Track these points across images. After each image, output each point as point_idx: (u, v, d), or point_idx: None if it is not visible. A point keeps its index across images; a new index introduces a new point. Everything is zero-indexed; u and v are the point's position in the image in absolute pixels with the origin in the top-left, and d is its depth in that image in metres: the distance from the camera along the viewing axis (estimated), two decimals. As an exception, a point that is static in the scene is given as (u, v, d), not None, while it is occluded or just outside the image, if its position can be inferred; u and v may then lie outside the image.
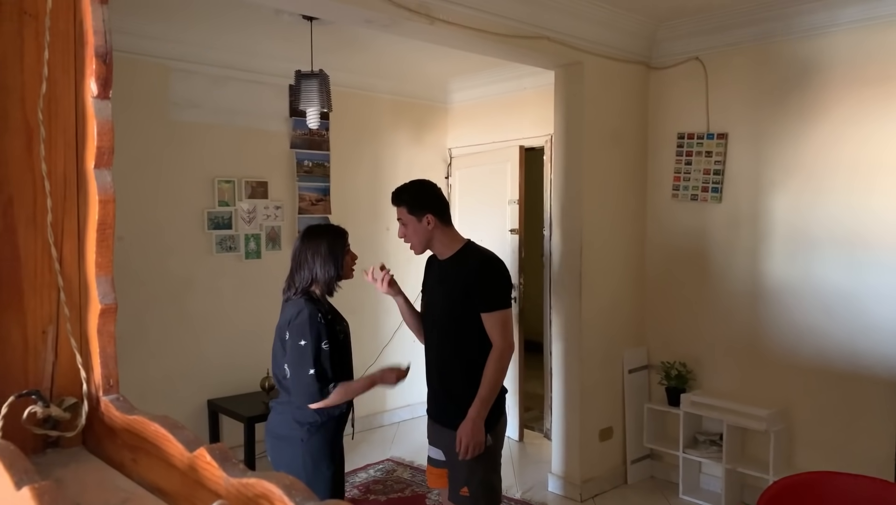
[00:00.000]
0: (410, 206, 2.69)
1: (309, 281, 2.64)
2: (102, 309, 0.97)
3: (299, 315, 2.56)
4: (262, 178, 4.92)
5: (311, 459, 2.60)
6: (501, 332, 2.64)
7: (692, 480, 4.32)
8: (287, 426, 2.62)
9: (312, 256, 2.64)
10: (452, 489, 2.72)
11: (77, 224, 1.00)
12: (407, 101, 5.80)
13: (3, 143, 0.94)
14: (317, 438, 2.61)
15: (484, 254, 2.75)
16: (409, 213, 2.69)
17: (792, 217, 3.94)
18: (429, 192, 2.76)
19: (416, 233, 2.70)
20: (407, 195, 2.72)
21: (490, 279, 2.66)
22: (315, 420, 2.61)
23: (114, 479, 0.92)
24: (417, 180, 2.84)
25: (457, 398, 2.69)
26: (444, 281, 2.75)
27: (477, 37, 3.58)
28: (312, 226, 2.82)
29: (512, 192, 5.35)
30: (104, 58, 0.93)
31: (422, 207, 2.68)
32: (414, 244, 2.74)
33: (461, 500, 2.69)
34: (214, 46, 4.57)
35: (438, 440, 2.82)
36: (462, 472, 2.68)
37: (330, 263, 2.64)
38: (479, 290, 2.63)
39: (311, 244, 2.67)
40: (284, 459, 2.63)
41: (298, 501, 0.66)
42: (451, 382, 2.73)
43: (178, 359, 4.54)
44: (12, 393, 0.91)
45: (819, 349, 3.85)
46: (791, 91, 3.91)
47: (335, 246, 2.67)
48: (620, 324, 4.46)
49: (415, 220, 2.69)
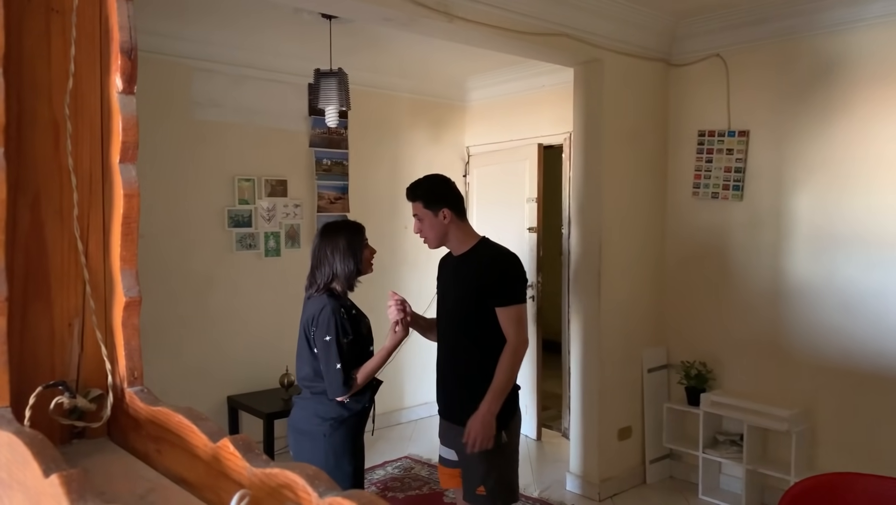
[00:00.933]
0: (426, 200, 2.69)
1: (330, 277, 2.67)
2: (127, 302, 0.99)
3: (322, 312, 2.61)
4: (282, 177, 4.95)
5: (332, 455, 2.63)
6: (516, 327, 2.62)
7: (712, 480, 4.29)
8: (309, 421, 2.65)
9: (332, 253, 2.67)
10: (468, 489, 2.69)
11: (102, 218, 1.01)
12: (425, 99, 5.81)
13: (30, 138, 0.96)
14: (339, 433, 2.64)
15: (499, 249, 2.73)
16: (424, 207, 2.69)
17: (815, 215, 3.89)
18: (444, 186, 2.75)
19: (432, 227, 2.69)
20: (422, 190, 2.72)
21: (505, 274, 2.65)
22: (339, 415, 2.63)
23: (138, 469, 0.93)
24: (432, 175, 2.83)
25: (470, 395, 2.66)
26: (458, 277, 2.74)
27: (496, 34, 3.58)
28: (330, 222, 2.84)
29: (530, 190, 5.33)
30: (129, 53, 0.94)
31: (437, 202, 2.68)
32: (429, 239, 2.73)
33: (478, 499, 2.65)
34: (235, 46, 4.60)
35: (450, 440, 2.79)
36: (478, 470, 2.65)
37: (349, 259, 2.67)
38: (493, 284, 2.62)
39: (330, 241, 2.70)
40: (306, 453, 2.66)
41: (321, 491, 0.66)
42: (465, 379, 2.70)
43: (198, 355, 4.58)
44: (40, 384, 0.93)
45: (842, 349, 3.80)
46: (814, 88, 3.86)
47: (353, 241, 2.70)
48: (639, 323, 4.44)
49: (431, 215, 2.68)
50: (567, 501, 4.20)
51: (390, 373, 5.55)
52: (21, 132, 0.94)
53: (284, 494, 0.70)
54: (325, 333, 2.58)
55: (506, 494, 2.71)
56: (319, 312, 2.61)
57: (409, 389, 5.70)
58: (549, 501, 4.18)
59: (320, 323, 2.60)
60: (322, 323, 2.59)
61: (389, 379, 5.56)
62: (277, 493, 0.71)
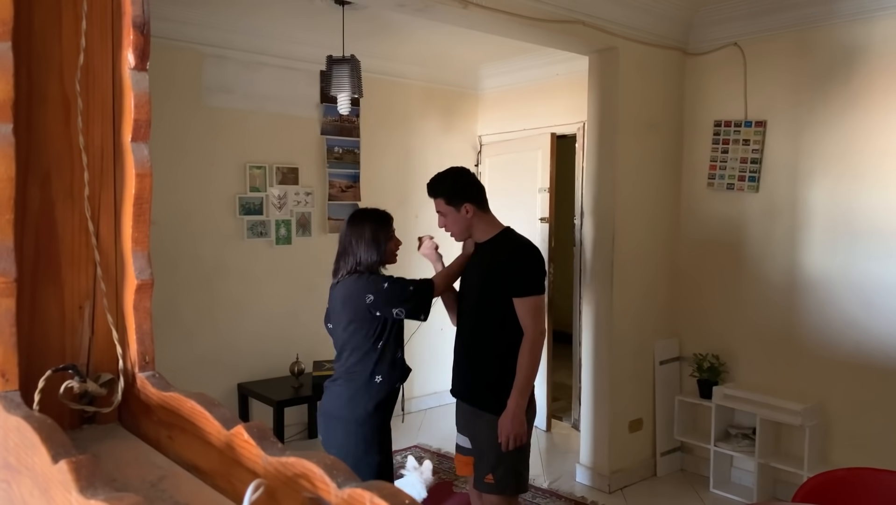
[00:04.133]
0: (448, 197, 2.68)
1: (353, 266, 2.67)
2: (139, 285, 0.96)
3: (358, 281, 2.64)
4: (293, 165, 4.93)
5: (363, 444, 2.65)
6: (533, 318, 2.61)
7: (723, 473, 4.26)
8: (341, 406, 2.66)
9: (357, 241, 2.68)
10: (478, 476, 2.71)
11: (114, 198, 0.99)
12: (437, 87, 5.76)
13: (41, 115, 0.93)
14: (372, 422, 2.66)
15: (519, 240, 2.73)
16: (447, 204, 2.68)
17: (831, 207, 3.83)
18: (465, 180, 2.73)
19: (456, 223, 2.70)
20: (443, 186, 2.70)
21: (523, 264, 2.64)
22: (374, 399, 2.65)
23: (150, 455, 0.91)
24: (452, 170, 2.80)
25: (486, 381, 2.68)
26: (478, 264, 2.74)
27: (510, 21, 3.53)
28: (359, 210, 2.86)
29: (543, 180, 5.29)
30: (142, 28, 0.91)
31: (460, 198, 2.67)
32: (454, 234, 2.75)
33: (486, 487, 2.68)
34: (247, 32, 4.57)
35: (466, 427, 2.81)
36: (489, 459, 2.66)
37: (373, 249, 2.67)
38: (511, 274, 2.61)
39: (356, 229, 2.70)
40: (336, 439, 2.68)
41: (340, 482, 0.64)
42: (480, 364, 2.71)
43: (209, 343, 4.58)
44: (49, 367, 0.90)
45: (857, 343, 3.75)
46: (832, 78, 3.79)
47: (379, 231, 2.70)
48: (652, 314, 4.40)
49: (453, 211, 2.68)
50: (577, 493, 4.18)
51: (400, 362, 5.55)
52: (31, 109, 0.91)
53: (301, 484, 0.68)
54: (380, 283, 2.62)
55: (514, 484, 2.71)
56: (354, 283, 2.64)
57: (419, 378, 5.67)
58: (558, 493, 4.16)
59: (363, 287, 2.61)
60: (370, 284, 2.62)
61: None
62: (294, 483, 0.69)
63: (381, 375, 2.67)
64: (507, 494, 2.70)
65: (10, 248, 0.84)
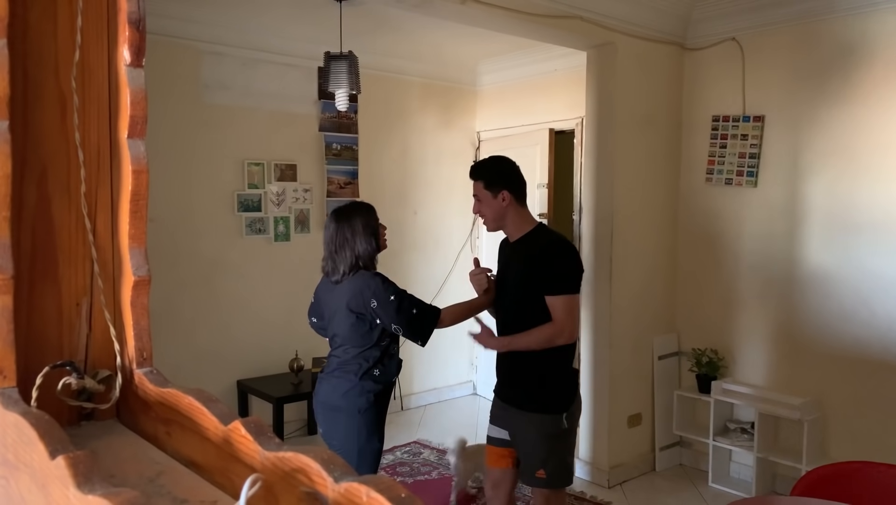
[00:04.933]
0: (487, 181, 2.67)
1: (353, 261, 2.69)
2: (136, 281, 0.96)
3: (371, 281, 2.64)
4: (292, 161, 4.92)
5: (366, 430, 2.69)
6: (564, 316, 2.58)
7: (722, 468, 4.27)
8: (342, 397, 2.69)
9: (352, 235, 2.69)
10: (527, 472, 2.71)
11: (111, 195, 0.98)
12: (436, 83, 5.76)
13: (37, 112, 0.93)
14: (374, 409, 2.71)
15: (553, 237, 2.71)
16: (485, 188, 2.67)
17: (830, 202, 3.84)
18: (507, 168, 2.73)
19: (491, 209, 2.68)
20: (484, 170, 2.71)
21: (557, 261, 2.61)
22: (373, 389, 2.70)
23: (148, 451, 0.91)
24: (496, 157, 2.82)
25: (528, 379, 2.68)
26: (513, 263, 2.72)
27: (508, 16, 3.53)
28: (340, 206, 2.84)
29: (541, 175, 5.29)
30: (137, 24, 0.91)
31: (498, 184, 2.66)
32: (487, 220, 2.72)
33: (538, 482, 2.68)
34: (245, 29, 4.56)
35: (504, 420, 2.79)
36: (539, 453, 2.66)
37: (370, 238, 2.71)
38: (544, 271, 2.59)
39: (348, 224, 2.71)
40: (340, 429, 2.71)
41: (337, 476, 0.64)
42: (522, 364, 2.69)
43: (207, 340, 4.58)
44: (47, 364, 0.90)
45: (855, 337, 3.75)
46: (831, 72, 3.79)
47: (370, 220, 2.74)
48: (651, 310, 4.40)
49: (490, 196, 2.66)
50: (576, 488, 4.19)
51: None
52: (27, 106, 0.91)
53: (298, 478, 0.68)
54: (387, 294, 2.62)
55: (564, 477, 2.73)
56: (366, 283, 2.65)
57: (418, 374, 5.68)
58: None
59: (377, 292, 2.62)
60: (378, 290, 2.63)
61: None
62: (291, 477, 0.69)
63: (379, 368, 2.73)
64: (558, 486, 2.72)
65: (7, 244, 0.84)
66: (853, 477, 2.84)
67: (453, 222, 5.82)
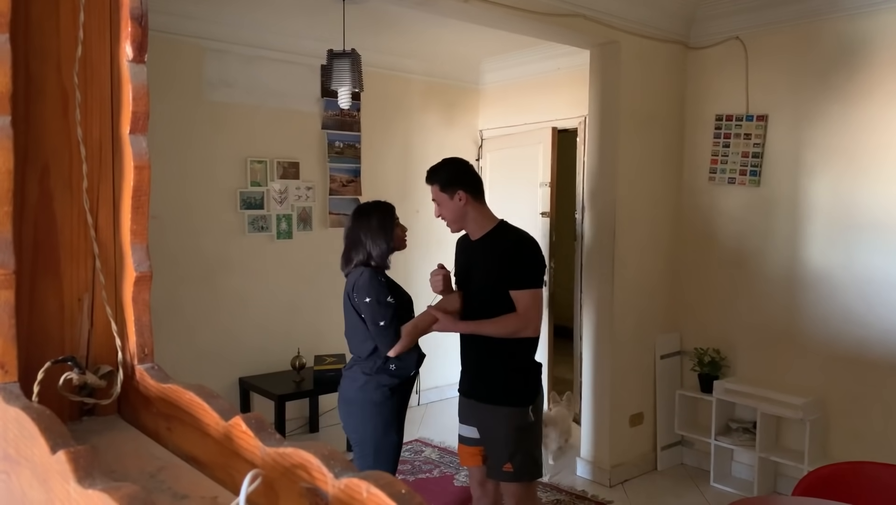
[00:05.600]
0: (442, 183, 2.72)
1: (365, 257, 2.74)
2: (137, 277, 0.96)
3: (361, 276, 2.69)
4: (294, 159, 4.92)
5: (382, 424, 2.71)
6: (531, 309, 2.63)
7: (723, 467, 4.26)
8: (360, 390, 2.71)
9: (365, 233, 2.75)
10: (494, 466, 2.73)
11: (112, 191, 0.99)
12: (438, 82, 5.75)
13: (39, 107, 0.93)
14: (390, 403, 2.72)
15: (517, 233, 2.75)
16: (441, 190, 2.72)
17: (833, 201, 3.83)
18: (460, 169, 2.78)
19: (449, 210, 2.73)
20: (438, 173, 2.75)
21: (521, 257, 2.66)
22: (390, 383, 2.71)
23: (149, 447, 0.91)
24: (449, 158, 2.86)
25: (494, 375, 2.71)
26: (476, 261, 2.76)
27: (511, 14, 3.52)
28: (361, 205, 2.92)
29: (544, 174, 5.28)
30: (139, 20, 0.91)
31: (453, 184, 2.70)
32: (448, 222, 2.77)
33: (506, 476, 2.70)
34: (248, 26, 4.56)
35: (472, 418, 2.83)
36: (505, 448, 2.69)
37: (381, 237, 2.74)
38: (509, 267, 2.64)
39: (362, 222, 2.77)
40: (356, 422, 2.75)
41: (337, 472, 0.64)
42: (489, 360, 2.73)
43: (210, 337, 4.58)
44: (49, 359, 0.91)
45: (858, 338, 3.74)
46: (835, 72, 3.78)
47: (384, 220, 2.78)
48: (653, 309, 4.40)
49: (447, 198, 2.71)
50: (577, 487, 4.19)
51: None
52: (29, 101, 0.91)
53: (299, 474, 0.68)
54: (366, 294, 2.65)
55: (532, 470, 2.75)
56: (359, 277, 2.70)
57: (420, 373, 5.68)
58: (559, 487, 4.17)
59: (360, 288, 2.67)
60: (362, 287, 2.66)
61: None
62: (291, 473, 0.69)
63: (395, 362, 2.74)
64: (526, 480, 2.74)
65: (9, 240, 0.84)
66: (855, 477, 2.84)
67: (456, 221, 5.82)
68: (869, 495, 2.72)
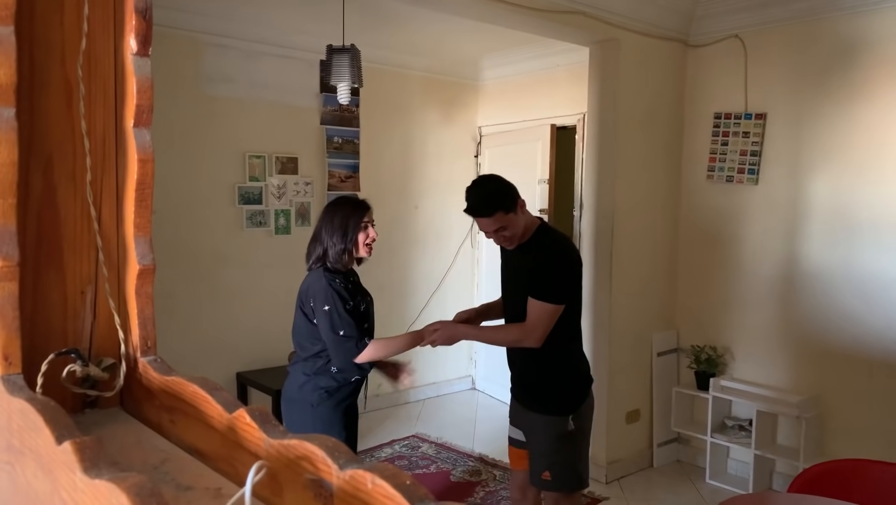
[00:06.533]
0: (507, 206, 2.51)
1: (321, 254, 2.60)
2: (140, 270, 0.97)
3: (317, 283, 2.57)
4: (293, 154, 4.92)
5: (321, 427, 2.59)
6: (537, 321, 2.52)
7: (719, 464, 4.28)
8: (298, 389, 2.63)
9: (326, 228, 2.60)
10: (534, 472, 2.68)
11: (116, 184, 0.99)
12: (438, 78, 5.75)
13: (43, 100, 0.93)
14: (327, 404, 2.61)
15: (555, 240, 2.63)
16: (506, 213, 2.51)
17: (831, 200, 3.84)
18: (502, 183, 2.59)
19: (517, 225, 2.56)
20: (497, 198, 2.51)
21: (548, 269, 2.54)
22: (327, 385, 2.60)
23: (152, 439, 0.92)
24: (488, 179, 2.66)
25: (535, 383, 2.67)
26: (517, 268, 2.66)
27: (511, 11, 3.52)
28: (337, 197, 2.80)
29: (542, 171, 5.29)
30: (144, 13, 0.91)
31: (513, 200, 2.54)
32: (515, 239, 2.59)
33: (544, 484, 2.65)
34: (248, 21, 4.55)
35: (519, 421, 2.79)
36: (545, 455, 2.63)
37: (339, 237, 2.57)
38: (535, 276, 2.53)
39: (327, 216, 2.63)
40: (295, 422, 2.64)
41: (342, 463, 0.64)
42: (530, 366, 2.67)
43: (207, 332, 4.58)
44: (52, 351, 0.91)
45: (855, 336, 3.76)
46: (834, 71, 3.79)
47: (349, 219, 2.59)
48: (650, 306, 4.41)
49: (513, 217, 2.53)
50: (574, 483, 4.20)
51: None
52: (33, 94, 0.91)
53: (303, 466, 0.68)
54: (323, 303, 2.52)
55: (572, 481, 2.66)
56: (315, 283, 2.57)
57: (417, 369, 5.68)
58: (555, 483, 4.18)
59: (317, 295, 2.54)
60: (318, 295, 2.54)
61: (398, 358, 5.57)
62: (295, 465, 0.69)
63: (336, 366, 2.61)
64: (566, 490, 2.67)
65: (13, 232, 0.84)
66: (850, 474, 2.86)
67: (454, 216, 5.81)
68: (864, 493, 2.74)
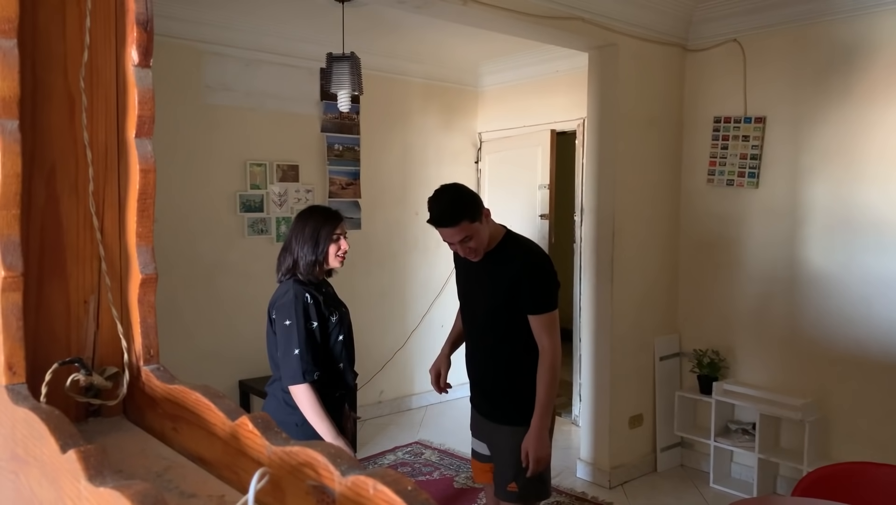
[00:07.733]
0: (473, 214, 2.46)
1: (291, 264, 2.52)
2: (143, 279, 0.97)
3: (285, 295, 2.46)
4: (294, 162, 4.94)
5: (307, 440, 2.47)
6: (549, 334, 2.50)
7: (723, 469, 4.27)
8: (278, 410, 2.47)
9: (297, 238, 2.52)
10: (499, 484, 2.64)
11: (118, 194, 1.00)
12: (437, 84, 5.77)
13: (46, 111, 0.94)
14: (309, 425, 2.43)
15: (529, 249, 2.59)
16: (472, 222, 2.45)
17: (831, 203, 3.84)
18: (466, 191, 2.54)
19: (483, 235, 2.51)
20: (462, 206, 2.46)
21: (538, 280, 2.51)
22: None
23: (155, 447, 0.92)
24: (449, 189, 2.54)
25: (500, 394, 2.63)
26: (485, 278, 2.60)
27: (510, 17, 3.54)
28: (309, 207, 2.70)
29: (542, 176, 5.30)
30: (145, 25, 0.92)
31: (478, 208, 2.49)
32: (479, 250, 2.53)
33: (509, 495, 2.61)
34: (248, 30, 4.58)
35: (482, 433, 2.75)
36: (511, 467, 2.60)
37: (308, 248, 2.49)
38: (527, 291, 2.49)
39: (298, 225, 2.55)
40: None
41: (344, 470, 0.65)
42: (494, 379, 2.64)
43: (209, 340, 4.59)
44: (56, 361, 0.92)
45: (857, 339, 3.76)
46: (833, 74, 3.80)
47: (319, 230, 2.51)
48: (652, 311, 4.41)
49: (479, 225, 2.48)
50: (577, 489, 4.20)
51: (400, 359, 5.56)
52: (36, 105, 0.92)
53: (305, 472, 0.69)
54: (286, 317, 2.41)
55: (539, 490, 2.65)
56: (283, 295, 2.47)
57: (419, 374, 5.69)
58: (559, 488, 4.18)
59: (282, 307, 2.44)
60: (283, 307, 2.43)
61: (399, 365, 5.58)
62: (298, 471, 0.70)
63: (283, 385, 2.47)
64: (531, 501, 2.65)
65: (17, 242, 0.85)
66: (854, 478, 2.85)
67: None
68: (868, 496, 2.73)
